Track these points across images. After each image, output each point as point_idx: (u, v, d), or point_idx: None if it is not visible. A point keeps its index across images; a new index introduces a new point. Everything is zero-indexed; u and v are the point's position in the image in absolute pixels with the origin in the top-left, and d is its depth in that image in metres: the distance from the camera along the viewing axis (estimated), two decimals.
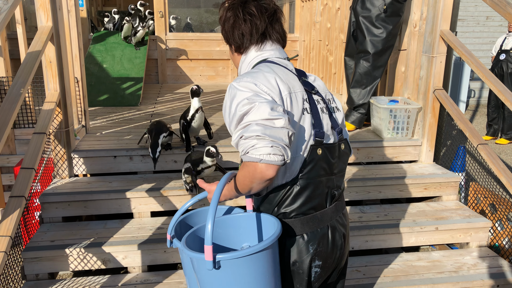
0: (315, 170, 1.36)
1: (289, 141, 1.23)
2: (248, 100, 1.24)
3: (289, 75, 1.39)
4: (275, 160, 1.20)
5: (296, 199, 1.36)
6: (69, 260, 2.36)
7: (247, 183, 1.27)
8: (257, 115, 1.22)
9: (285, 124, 1.21)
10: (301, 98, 1.37)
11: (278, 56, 1.45)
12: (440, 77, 3.13)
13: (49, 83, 2.69)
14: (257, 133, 1.19)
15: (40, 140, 2.37)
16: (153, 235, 2.50)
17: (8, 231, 1.92)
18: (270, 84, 1.30)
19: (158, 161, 3.01)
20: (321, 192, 1.39)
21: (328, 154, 1.39)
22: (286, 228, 1.36)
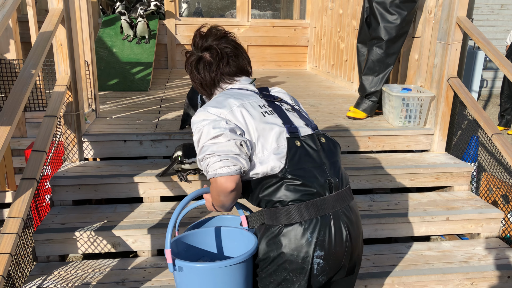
0: (300, 159, 1.42)
1: (240, 149, 1.36)
2: (197, 129, 1.42)
3: (245, 93, 1.55)
4: (229, 171, 1.34)
5: (290, 186, 1.40)
6: (80, 243, 2.37)
7: (216, 198, 1.43)
8: (204, 138, 1.38)
9: (228, 137, 1.35)
10: (257, 104, 1.50)
11: (236, 87, 1.60)
12: (455, 65, 3.07)
13: (59, 66, 2.68)
14: (207, 152, 1.36)
15: (51, 123, 2.37)
16: (163, 220, 2.50)
17: (20, 213, 1.93)
18: (220, 104, 1.45)
19: (169, 147, 3.00)
20: (315, 178, 1.42)
21: (307, 145, 1.45)
22: (284, 216, 1.40)
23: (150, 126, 3.16)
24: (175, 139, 2.99)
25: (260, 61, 6.09)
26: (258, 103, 1.51)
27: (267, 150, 1.41)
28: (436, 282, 2.33)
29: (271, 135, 1.43)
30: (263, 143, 1.42)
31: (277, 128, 1.44)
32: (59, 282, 2.17)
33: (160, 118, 3.40)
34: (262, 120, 1.44)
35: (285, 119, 1.49)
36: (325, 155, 1.48)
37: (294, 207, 1.38)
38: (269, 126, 1.44)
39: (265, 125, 1.44)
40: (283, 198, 1.40)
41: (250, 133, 1.43)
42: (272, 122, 1.46)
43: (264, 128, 1.43)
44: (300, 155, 1.42)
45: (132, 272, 2.28)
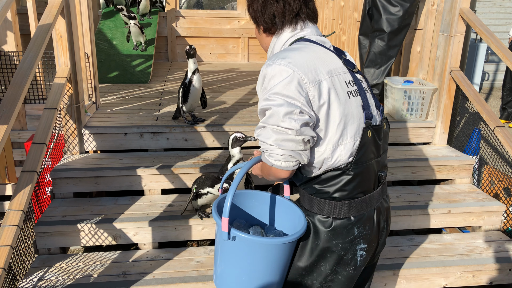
0: (367, 154, 1.33)
1: (305, 145, 1.25)
2: (267, 96, 1.24)
3: (329, 54, 1.33)
4: (286, 166, 1.26)
5: (347, 186, 1.33)
6: (81, 236, 2.37)
7: (267, 175, 1.36)
8: (271, 120, 1.23)
9: (298, 133, 1.21)
10: (344, 80, 1.31)
11: (314, 34, 1.37)
12: (458, 57, 3.05)
13: (59, 58, 2.66)
14: (270, 141, 1.24)
15: (51, 115, 2.35)
16: (164, 212, 2.50)
17: (20, 205, 1.92)
18: (306, 64, 1.24)
19: (169, 139, 2.99)
20: (371, 175, 1.36)
21: (376, 136, 1.36)
22: (333, 210, 1.35)
23: (151, 118, 3.15)
24: (176, 132, 2.98)
25: (261, 53, 6.05)
26: (345, 77, 1.32)
27: (343, 145, 1.30)
28: (438, 275, 2.33)
29: (353, 128, 1.30)
30: (342, 136, 1.30)
31: (358, 118, 1.31)
32: (60, 275, 2.17)
33: (161, 110, 3.38)
34: (346, 106, 1.29)
35: (365, 101, 1.34)
36: (383, 145, 1.41)
37: (346, 203, 1.34)
38: (352, 115, 1.30)
39: (349, 113, 1.29)
40: (336, 195, 1.34)
41: (329, 122, 1.27)
42: (356, 109, 1.31)
43: (347, 117, 1.29)
44: (368, 147, 1.33)
45: (133, 264, 2.28)
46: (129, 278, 2.16)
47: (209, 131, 3.03)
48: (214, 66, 5.46)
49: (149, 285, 2.12)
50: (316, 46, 1.32)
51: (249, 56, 5.98)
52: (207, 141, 3.04)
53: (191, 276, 2.18)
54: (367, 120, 1.32)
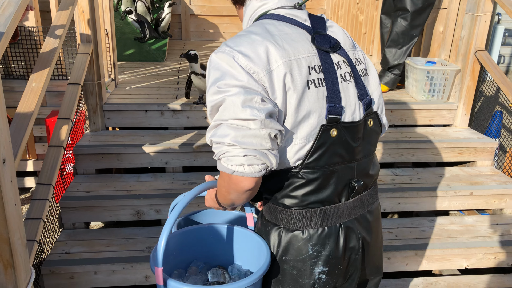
0: (326, 157, 1.07)
1: (272, 142, 0.98)
2: (217, 88, 0.98)
3: (294, 34, 1.07)
4: (251, 171, 0.97)
5: (296, 191, 1.09)
6: (105, 211, 2.39)
7: (225, 194, 1.07)
8: (227, 113, 0.97)
9: (262, 124, 0.95)
10: (307, 65, 1.04)
11: (284, 5, 1.11)
12: (483, 37, 2.99)
13: (81, 34, 2.64)
14: (227, 140, 0.96)
15: (75, 91, 2.35)
16: (187, 189, 2.51)
17: (49, 179, 1.95)
18: (255, 51, 1.00)
19: (189, 117, 2.98)
20: (333, 183, 1.10)
21: (347, 136, 1.08)
22: (284, 218, 1.13)
23: (170, 96, 3.14)
24: (196, 110, 2.97)
25: None
26: (308, 62, 1.05)
27: (291, 142, 1.06)
28: (459, 256, 2.33)
29: (307, 127, 1.05)
30: (295, 132, 1.05)
31: (318, 113, 1.05)
32: (86, 249, 2.20)
33: (180, 88, 3.37)
34: (303, 99, 1.03)
35: (333, 92, 1.06)
36: (362, 149, 1.14)
37: (298, 212, 1.10)
38: (309, 110, 1.04)
39: (304, 108, 1.03)
40: (285, 201, 1.11)
41: (286, 115, 1.04)
42: (315, 102, 1.05)
43: (300, 113, 1.03)
44: (330, 149, 1.07)
45: (157, 240, 2.30)
46: None
47: None
48: None
49: None
50: (278, 24, 1.08)
51: None
52: None
53: None
54: (331, 115, 1.05)
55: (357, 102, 1.12)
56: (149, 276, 2.15)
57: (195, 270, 1.30)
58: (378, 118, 1.19)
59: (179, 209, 1.09)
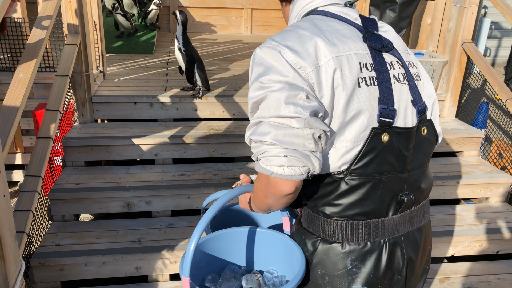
0: (375, 165, 0.98)
1: (315, 144, 0.92)
2: (260, 84, 0.93)
3: (345, 30, 1.01)
4: (291, 174, 0.91)
5: (340, 199, 1.01)
6: (94, 203, 2.38)
7: (262, 198, 1.01)
8: (268, 110, 0.91)
9: (306, 123, 0.89)
10: (359, 62, 0.97)
11: (334, 2, 1.06)
12: (470, 29, 3.03)
13: (69, 25, 2.61)
14: (267, 138, 0.90)
15: (63, 82, 2.33)
16: (176, 181, 2.51)
17: (38, 171, 1.93)
18: (303, 46, 0.95)
19: (179, 109, 2.98)
20: (381, 194, 1.01)
21: (399, 143, 1.00)
22: (323, 228, 1.04)
23: (160, 88, 3.13)
24: (185, 102, 2.96)
25: (264, 25, 5.96)
26: (359, 58, 0.98)
27: (334, 148, 0.99)
28: (446, 244, 2.38)
29: (356, 127, 0.97)
30: (342, 133, 0.97)
31: (368, 114, 0.97)
32: (76, 241, 2.20)
33: (169, 80, 3.35)
34: (353, 96, 0.96)
35: (386, 93, 0.98)
36: (414, 158, 1.04)
37: (338, 223, 1.02)
38: (359, 109, 0.96)
39: (353, 107, 0.96)
40: (326, 210, 1.03)
41: (333, 115, 0.96)
42: (367, 102, 0.97)
43: (349, 112, 0.96)
44: (379, 156, 0.98)
45: (148, 232, 2.31)
46: (144, 245, 2.19)
47: (219, 101, 3.01)
48: (217, 37, 5.39)
49: (164, 251, 2.15)
50: (328, 21, 1.02)
51: (252, 27, 5.89)
52: (216, 111, 3.03)
53: None
54: (383, 118, 0.97)
55: (411, 107, 1.03)
56: (140, 267, 2.15)
57: (229, 275, 1.24)
58: (432, 127, 1.09)
59: (210, 216, 1.03)
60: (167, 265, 2.16)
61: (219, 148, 2.76)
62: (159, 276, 2.17)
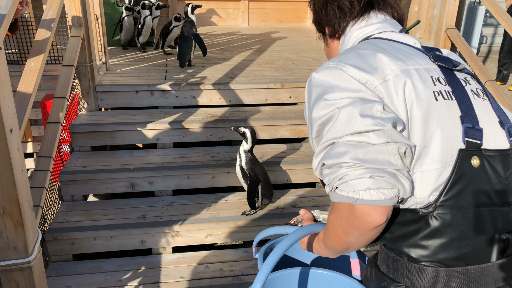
0: (469, 194, 0.82)
1: (402, 160, 0.79)
2: (325, 101, 0.82)
3: (408, 50, 0.92)
4: (381, 198, 0.77)
5: (429, 239, 0.84)
6: (101, 184, 2.57)
7: (341, 236, 0.84)
8: (340, 128, 0.80)
9: (388, 136, 0.77)
10: (430, 76, 0.87)
11: (389, 30, 0.97)
12: (453, 16, 3.18)
13: (73, 18, 2.78)
14: (345, 159, 0.78)
15: (69, 72, 2.50)
16: (177, 163, 2.69)
17: (49, 152, 2.11)
18: (366, 62, 0.86)
19: (178, 97, 3.15)
20: (480, 233, 0.84)
21: (494, 168, 0.84)
22: (410, 276, 0.87)
23: (160, 78, 3.30)
24: (184, 90, 3.13)
25: (261, 16, 6.11)
26: (429, 72, 0.88)
27: (420, 172, 0.83)
28: None
29: (441, 146, 0.82)
30: (420, 157, 0.83)
31: (451, 132, 0.83)
32: (85, 218, 2.38)
33: (168, 70, 3.52)
34: (431, 110, 0.83)
35: (467, 109, 0.85)
36: None
37: (429, 270, 0.85)
38: (440, 124, 0.83)
39: (433, 120, 0.83)
40: (411, 253, 0.86)
41: (411, 132, 0.83)
42: (447, 116, 0.84)
43: (430, 127, 0.83)
44: (470, 184, 0.82)
45: (151, 209, 2.49)
46: (148, 220, 2.38)
47: (216, 89, 3.18)
48: (214, 29, 5.54)
49: (167, 225, 2.33)
50: (386, 43, 0.93)
51: (249, 19, 6.04)
52: (213, 98, 3.20)
53: (204, 218, 2.40)
54: (469, 139, 0.83)
55: (498, 126, 0.88)
56: (145, 241, 2.34)
57: None
58: None
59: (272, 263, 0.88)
60: (169, 238, 2.34)
61: (216, 133, 2.94)
62: (162, 249, 2.36)
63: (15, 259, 1.61)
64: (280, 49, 4.49)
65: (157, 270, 2.24)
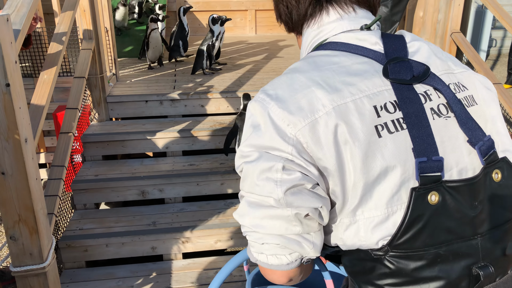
0: (426, 235, 0.73)
1: (302, 225, 0.74)
2: (240, 152, 0.78)
3: (356, 65, 0.79)
4: (277, 263, 0.76)
5: (384, 279, 0.76)
6: (112, 192, 2.63)
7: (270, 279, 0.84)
8: (245, 185, 0.77)
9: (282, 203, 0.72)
10: (371, 105, 0.74)
11: (346, 29, 0.84)
12: (458, 20, 3.20)
13: (84, 32, 2.86)
14: (245, 222, 0.77)
15: (81, 84, 2.58)
16: (186, 170, 2.74)
17: (62, 161, 2.18)
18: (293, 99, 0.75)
19: (187, 106, 3.21)
20: (441, 272, 0.75)
21: (457, 201, 0.74)
22: None
23: (168, 87, 3.36)
24: (193, 99, 3.19)
25: (268, 25, 6.18)
26: (374, 99, 0.75)
27: (363, 219, 0.74)
28: None
29: (387, 186, 0.72)
30: (361, 205, 0.74)
31: (398, 170, 0.72)
32: (97, 225, 2.44)
33: (177, 80, 3.59)
34: (373, 150, 0.72)
35: (423, 137, 0.73)
36: (488, 216, 0.77)
37: None
38: (386, 166, 0.72)
39: (378, 164, 0.72)
40: None
41: (348, 178, 0.73)
42: (395, 154, 0.72)
43: (375, 169, 0.72)
44: (429, 224, 0.73)
45: (162, 216, 2.54)
46: (159, 227, 2.42)
47: (223, 97, 3.24)
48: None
49: (177, 232, 2.37)
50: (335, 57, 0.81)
51: (257, 28, 6.12)
52: (221, 106, 3.25)
53: (214, 224, 2.44)
54: (424, 174, 0.72)
55: (466, 148, 0.76)
56: (155, 247, 2.38)
57: None
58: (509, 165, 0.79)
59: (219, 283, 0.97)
60: (180, 244, 2.39)
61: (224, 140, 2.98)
62: (172, 255, 2.40)
63: (31, 265, 1.66)
64: (287, 56, 4.54)
65: (168, 275, 2.27)
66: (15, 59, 1.51)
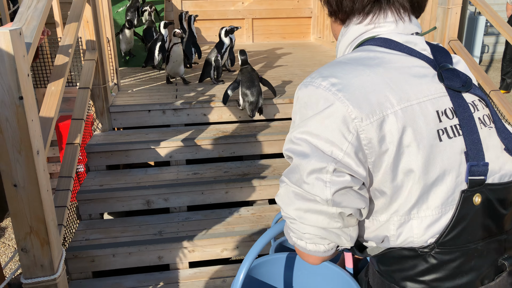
0: (468, 233, 0.81)
1: (343, 222, 0.79)
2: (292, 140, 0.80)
3: (416, 68, 0.82)
4: (314, 250, 0.83)
5: (425, 275, 0.83)
6: (117, 202, 2.63)
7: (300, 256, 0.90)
8: (294, 176, 0.79)
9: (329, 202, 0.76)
10: (436, 110, 0.79)
11: (399, 32, 0.86)
12: (455, 28, 3.26)
13: (87, 42, 2.88)
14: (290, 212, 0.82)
15: (85, 94, 2.59)
16: (191, 179, 2.75)
17: (69, 172, 2.18)
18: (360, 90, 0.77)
19: (189, 115, 3.23)
20: (476, 265, 0.83)
21: (496, 202, 0.82)
22: None
23: (170, 96, 3.38)
24: (195, 108, 3.21)
25: (265, 33, 6.24)
26: (435, 106, 0.79)
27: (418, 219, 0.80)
28: None
29: (442, 192, 0.79)
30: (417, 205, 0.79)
31: (455, 174, 0.79)
32: (103, 236, 2.44)
33: (178, 89, 3.61)
34: (433, 154, 0.77)
35: (474, 143, 0.80)
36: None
37: None
38: (443, 170, 0.78)
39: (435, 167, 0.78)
40: (408, 285, 0.85)
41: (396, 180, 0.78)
42: (451, 159, 0.79)
43: (430, 174, 0.77)
44: (472, 223, 0.81)
45: (167, 225, 2.55)
46: (165, 236, 2.43)
47: (226, 106, 3.26)
48: None
49: (183, 241, 2.38)
50: (394, 55, 0.83)
51: (254, 36, 6.17)
52: (224, 115, 3.28)
53: (219, 233, 2.45)
54: (473, 177, 0.79)
55: (503, 156, 0.84)
56: (162, 257, 2.39)
57: None
58: None
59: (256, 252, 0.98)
60: (186, 253, 2.39)
61: (227, 148, 3.00)
62: (179, 264, 2.41)
63: (42, 277, 1.67)
64: (286, 64, 4.58)
65: (175, 285, 2.28)
66: (27, 72, 1.53)
